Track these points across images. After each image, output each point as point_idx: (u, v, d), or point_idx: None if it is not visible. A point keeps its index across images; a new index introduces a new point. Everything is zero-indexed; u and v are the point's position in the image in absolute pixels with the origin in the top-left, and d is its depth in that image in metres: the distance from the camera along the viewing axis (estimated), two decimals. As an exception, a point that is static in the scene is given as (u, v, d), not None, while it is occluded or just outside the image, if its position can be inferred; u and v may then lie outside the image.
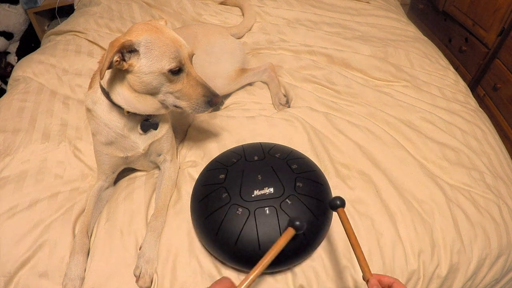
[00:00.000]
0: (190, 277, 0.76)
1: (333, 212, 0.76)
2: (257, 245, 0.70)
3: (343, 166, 0.97)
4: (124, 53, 0.74)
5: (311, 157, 0.93)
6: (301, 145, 0.99)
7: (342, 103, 1.18)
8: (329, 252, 0.80)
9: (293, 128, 1.04)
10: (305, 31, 1.51)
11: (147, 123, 0.87)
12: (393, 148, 1.02)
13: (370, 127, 1.08)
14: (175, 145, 1.00)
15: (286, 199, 0.74)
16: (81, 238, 0.80)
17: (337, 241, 0.81)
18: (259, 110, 1.15)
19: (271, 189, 0.75)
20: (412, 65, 1.37)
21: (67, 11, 2.15)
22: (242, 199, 0.74)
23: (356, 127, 1.08)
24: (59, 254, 0.79)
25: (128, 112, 0.82)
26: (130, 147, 0.88)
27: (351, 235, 0.64)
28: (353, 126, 1.08)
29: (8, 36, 2.19)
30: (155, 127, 0.89)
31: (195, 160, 1.00)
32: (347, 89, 1.23)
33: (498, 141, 1.13)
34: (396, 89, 1.25)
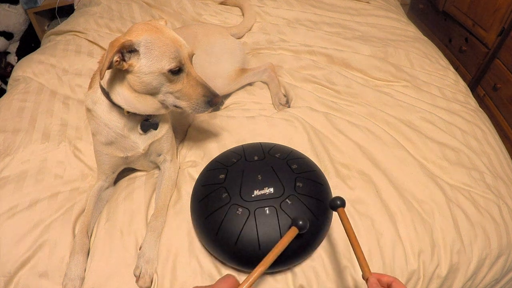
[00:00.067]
0: (190, 277, 0.76)
1: (333, 212, 0.77)
2: (257, 245, 0.70)
3: (343, 166, 0.97)
4: (124, 53, 0.74)
5: (311, 157, 0.93)
6: (301, 145, 0.99)
7: (342, 103, 1.18)
8: (329, 252, 0.80)
9: (293, 128, 1.04)
10: (305, 31, 1.51)
11: (147, 123, 0.87)
12: (393, 148, 1.02)
13: (370, 127, 1.08)
14: (175, 145, 1.00)
15: (286, 199, 0.74)
16: (81, 238, 0.80)
17: (337, 241, 0.81)
18: (259, 110, 1.15)
19: (271, 189, 0.75)
20: (412, 65, 1.37)
21: (67, 11, 2.15)
22: (242, 199, 0.74)
23: (356, 127, 1.08)
24: (59, 254, 0.79)
25: (128, 112, 0.82)
26: (130, 147, 0.89)
27: (351, 235, 0.64)
28: (353, 126, 1.08)
29: (8, 36, 2.19)
30: (155, 127, 0.89)
31: (195, 160, 1.00)
32: (347, 89, 1.23)
33: (498, 141, 1.13)
34: (396, 89, 1.25)
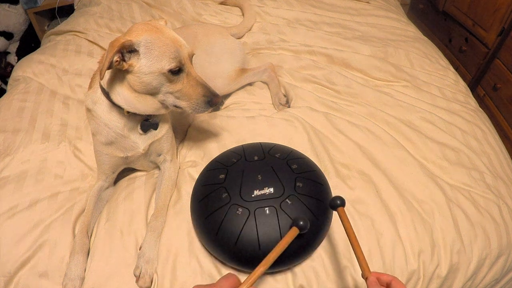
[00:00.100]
0: (190, 277, 0.76)
1: (333, 212, 0.77)
2: (257, 245, 0.70)
3: (343, 166, 0.97)
4: (124, 53, 0.74)
5: (311, 157, 0.93)
6: (301, 145, 0.99)
7: (342, 103, 1.18)
8: (329, 252, 0.80)
9: (293, 128, 1.04)
10: (305, 31, 1.51)
11: (147, 123, 0.87)
12: (393, 148, 1.02)
13: (370, 127, 1.08)
14: (175, 145, 1.00)
15: (286, 199, 0.74)
16: (81, 238, 0.80)
17: (337, 241, 0.81)
18: (259, 110, 1.15)
19: (271, 189, 0.75)
20: (412, 65, 1.37)
21: (67, 11, 2.15)
22: (242, 199, 0.74)
23: (356, 127, 1.08)
24: (59, 254, 0.79)
25: (128, 112, 0.82)
26: (130, 147, 0.88)
27: (350, 234, 0.64)
28: (353, 126, 1.08)
29: (8, 36, 2.19)
30: (155, 127, 0.89)
31: (195, 160, 1.00)
32: (347, 89, 1.23)
33: (498, 141, 1.13)
34: (396, 89, 1.25)
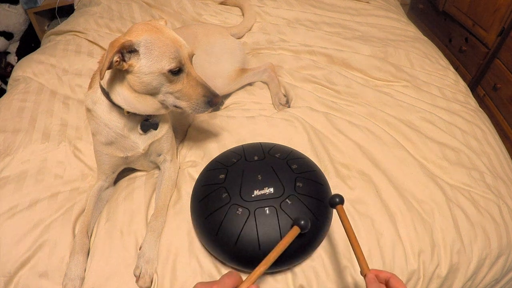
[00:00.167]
0: (190, 277, 0.76)
1: (333, 212, 0.77)
2: (257, 245, 0.70)
3: (343, 166, 0.97)
4: (124, 53, 0.74)
5: (311, 157, 0.93)
6: (301, 145, 0.99)
7: (342, 103, 1.18)
8: (329, 252, 0.80)
9: (293, 128, 1.04)
10: (305, 31, 1.51)
11: (147, 123, 0.87)
12: (393, 148, 1.02)
13: (370, 127, 1.08)
14: (175, 145, 1.00)
15: (286, 199, 0.74)
16: (81, 238, 0.80)
17: (337, 241, 0.81)
18: (259, 110, 1.15)
19: (271, 189, 0.75)
20: (412, 65, 1.37)
21: (67, 11, 2.15)
22: (242, 199, 0.74)
23: (356, 127, 1.08)
24: (59, 254, 0.79)
25: (128, 112, 0.82)
26: (130, 147, 0.89)
27: (349, 232, 0.64)
28: (353, 126, 1.08)
29: (8, 36, 2.19)
30: (155, 127, 0.89)
31: (195, 160, 1.00)
32: (347, 89, 1.23)
33: (498, 141, 1.13)
34: (396, 89, 1.25)
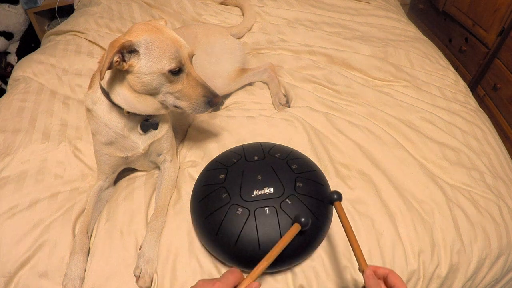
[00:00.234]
0: (190, 277, 0.76)
1: (333, 212, 0.77)
2: (257, 245, 0.70)
3: (343, 166, 0.97)
4: (124, 53, 0.74)
5: (311, 157, 0.93)
6: (301, 145, 0.99)
7: (342, 103, 1.18)
8: (329, 252, 0.80)
9: (293, 128, 1.04)
10: (305, 31, 1.51)
11: (147, 123, 0.87)
12: (393, 148, 1.02)
13: (370, 127, 1.08)
14: (175, 145, 1.00)
15: (286, 199, 0.74)
16: (81, 238, 0.80)
17: (337, 241, 0.81)
18: (259, 110, 1.15)
19: (271, 189, 0.75)
20: (412, 65, 1.37)
21: (67, 11, 2.15)
22: (242, 199, 0.74)
23: (356, 127, 1.08)
24: (59, 254, 0.79)
25: (128, 112, 0.82)
26: (130, 147, 0.88)
27: (347, 228, 0.64)
28: (353, 126, 1.08)
29: (8, 36, 2.19)
30: (155, 127, 0.89)
31: (195, 160, 1.00)
32: (347, 89, 1.23)
33: (498, 141, 1.13)
34: (396, 89, 1.25)
